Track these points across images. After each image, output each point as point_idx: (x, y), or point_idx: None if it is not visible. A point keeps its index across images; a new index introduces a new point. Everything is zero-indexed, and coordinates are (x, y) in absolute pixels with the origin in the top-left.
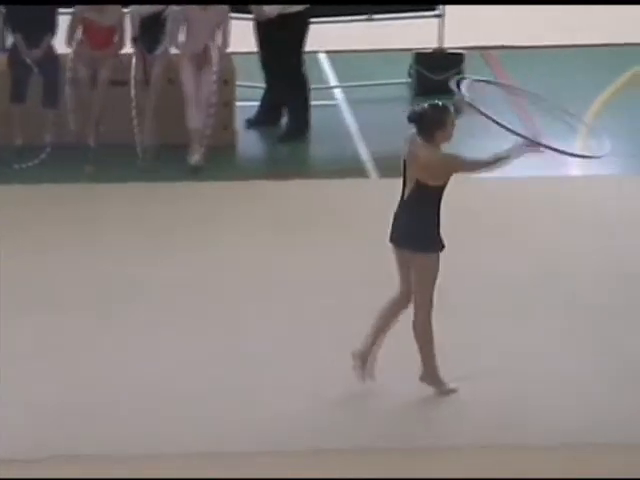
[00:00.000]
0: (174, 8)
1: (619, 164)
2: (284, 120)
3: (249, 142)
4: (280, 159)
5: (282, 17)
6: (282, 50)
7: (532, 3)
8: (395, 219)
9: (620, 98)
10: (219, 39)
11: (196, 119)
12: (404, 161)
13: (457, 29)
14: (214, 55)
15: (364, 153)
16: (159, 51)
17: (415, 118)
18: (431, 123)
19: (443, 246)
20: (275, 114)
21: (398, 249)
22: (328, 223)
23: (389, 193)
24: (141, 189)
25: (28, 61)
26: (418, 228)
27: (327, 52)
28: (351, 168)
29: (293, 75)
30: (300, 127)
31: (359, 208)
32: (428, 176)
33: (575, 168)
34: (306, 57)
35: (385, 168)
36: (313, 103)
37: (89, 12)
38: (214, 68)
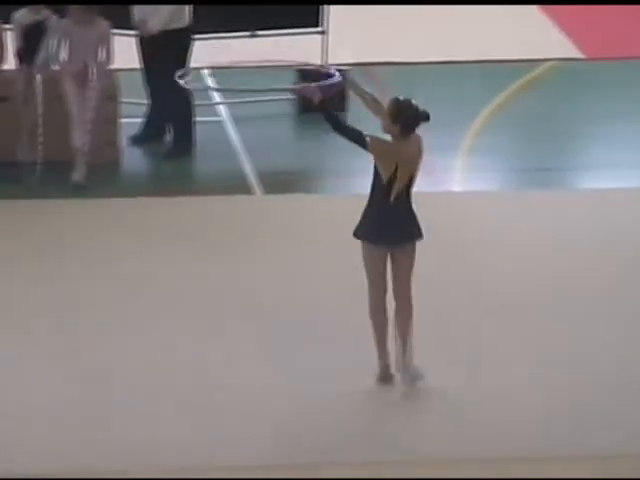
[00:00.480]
0: (56, 21)
1: (499, 180)
2: (169, 137)
3: (134, 159)
4: (165, 176)
5: (165, 33)
6: (165, 66)
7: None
8: (384, 219)
9: (500, 114)
10: (102, 55)
11: (79, 136)
12: (396, 164)
13: (341, 45)
14: (95, 72)
15: (249, 169)
16: (40, 62)
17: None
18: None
19: None
20: (159, 131)
21: (391, 247)
22: (213, 239)
23: (273, 209)
24: (25, 206)
25: None
26: (414, 219)
27: (211, 68)
28: (236, 184)
29: (176, 92)
30: (184, 144)
31: (244, 224)
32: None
33: (455, 184)
34: (190, 73)
35: (269, 184)
36: (198, 119)
37: None
38: (93, 85)
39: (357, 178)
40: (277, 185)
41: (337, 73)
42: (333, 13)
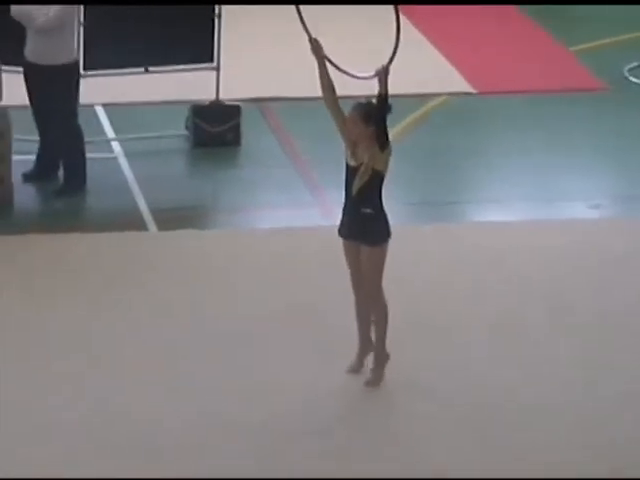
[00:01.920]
0: None
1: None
2: (61, 173)
3: (26, 196)
4: (58, 213)
5: (51, 68)
6: (53, 103)
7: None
8: (345, 211)
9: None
10: None
11: None
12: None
13: (233, 81)
14: None
15: (142, 205)
16: None
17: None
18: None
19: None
20: (51, 168)
21: (349, 240)
22: (106, 276)
23: (168, 245)
24: None
25: None
26: (374, 222)
27: (104, 104)
28: (129, 221)
29: (66, 128)
30: (76, 181)
31: (138, 261)
32: None
33: None
34: (82, 109)
35: (163, 220)
36: (91, 156)
37: None
38: None
39: (249, 213)
40: (171, 221)
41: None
42: (227, 48)
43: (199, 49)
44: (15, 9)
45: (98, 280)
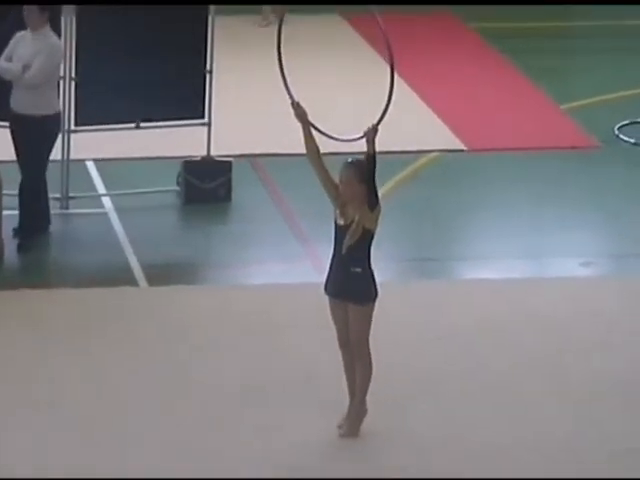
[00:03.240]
0: None
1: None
2: (52, 228)
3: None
4: (49, 268)
5: (32, 118)
6: (30, 151)
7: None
8: (333, 269)
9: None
10: None
11: None
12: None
13: (224, 137)
14: None
15: (133, 261)
16: None
17: None
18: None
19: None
20: (41, 222)
21: (335, 298)
22: (97, 332)
23: (158, 301)
24: None
25: None
26: (361, 281)
27: (95, 160)
28: (120, 277)
29: (34, 178)
30: (25, 232)
31: (128, 317)
32: None
33: None
34: (73, 164)
35: (154, 276)
36: (82, 211)
37: None
38: None
39: (240, 268)
40: (161, 277)
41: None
42: (218, 104)
43: (190, 105)
44: (0, 70)
45: (88, 335)
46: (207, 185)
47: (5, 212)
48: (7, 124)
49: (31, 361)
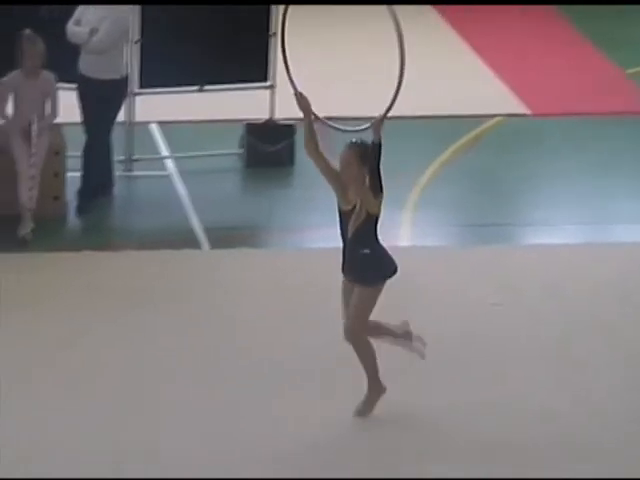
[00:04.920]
0: (2, 80)
1: (444, 235)
2: (115, 189)
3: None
4: (111, 230)
5: (101, 82)
6: (97, 115)
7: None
8: (344, 251)
9: (446, 170)
10: (47, 109)
11: (25, 191)
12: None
13: (288, 100)
14: (39, 126)
15: (195, 224)
16: None
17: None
18: None
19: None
20: (105, 184)
21: (346, 277)
22: (160, 294)
23: (220, 264)
24: None
25: None
26: (367, 263)
27: (159, 122)
28: (183, 239)
29: (100, 141)
30: (84, 197)
31: (191, 279)
32: None
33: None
34: (137, 127)
35: (216, 239)
36: (145, 173)
37: None
38: (37, 140)
39: (303, 232)
40: (224, 240)
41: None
42: (282, 67)
43: (254, 68)
44: (69, 33)
45: (150, 297)
46: (270, 148)
47: (69, 174)
48: (74, 86)
49: (91, 322)
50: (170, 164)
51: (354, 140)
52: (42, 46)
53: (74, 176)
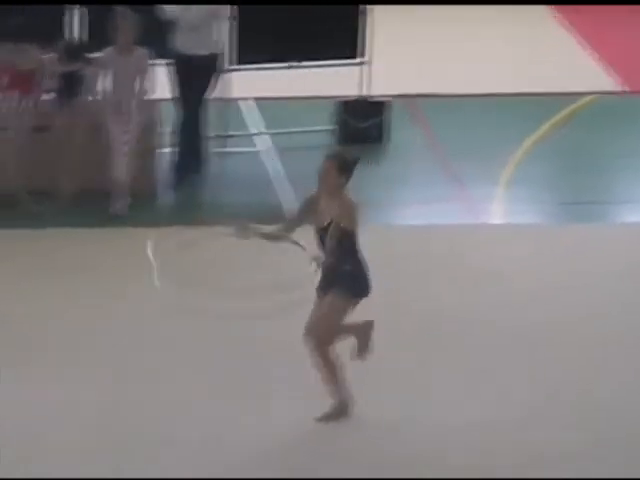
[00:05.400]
0: (97, 57)
1: (537, 212)
2: (208, 166)
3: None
4: (201, 205)
5: (196, 58)
6: (191, 91)
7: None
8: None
9: (540, 147)
10: (141, 85)
11: (119, 167)
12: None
13: (381, 76)
14: (133, 102)
15: (286, 200)
16: (81, 100)
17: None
18: None
19: None
20: (198, 159)
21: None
22: (249, 270)
23: (310, 240)
24: (64, 234)
25: None
26: (337, 274)
27: (252, 99)
28: (273, 215)
29: (193, 116)
30: (178, 172)
31: (280, 255)
32: None
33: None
34: (230, 103)
35: None
36: (237, 150)
37: (8, 56)
38: (131, 116)
39: (393, 209)
40: None
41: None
42: (374, 44)
43: (346, 45)
44: (163, 9)
45: (241, 274)
46: (362, 125)
47: (163, 150)
48: (167, 62)
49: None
50: (263, 140)
51: (334, 151)
52: (135, 22)
53: (167, 152)
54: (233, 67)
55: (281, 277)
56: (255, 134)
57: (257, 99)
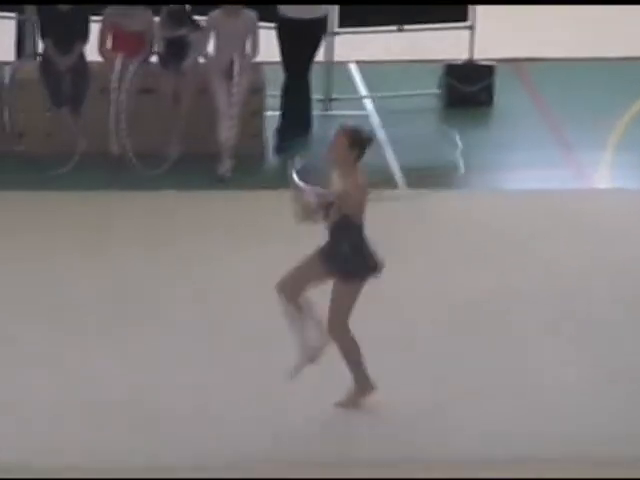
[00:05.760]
0: (202, 21)
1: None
2: (313, 129)
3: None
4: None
5: (302, 22)
6: (298, 55)
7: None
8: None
9: None
10: (248, 48)
11: (225, 130)
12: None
13: (489, 40)
14: (240, 65)
15: (393, 164)
16: (188, 62)
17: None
18: None
19: None
20: (303, 123)
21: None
22: None
23: (417, 204)
24: (169, 197)
25: (59, 68)
26: (341, 255)
27: (357, 62)
28: (379, 179)
29: (300, 80)
30: (285, 136)
31: (387, 218)
32: None
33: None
34: (336, 67)
35: (413, 179)
36: (343, 113)
37: (118, 18)
38: (238, 79)
39: (500, 174)
40: (421, 180)
41: None
42: (481, 7)
43: (453, 8)
44: None
45: None
46: (469, 89)
47: (268, 113)
48: (273, 25)
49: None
50: (368, 104)
51: (348, 124)
52: None
53: (273, 115)
54: (340, 30)
55: None
56: (361, 97)
57: (362, 62)
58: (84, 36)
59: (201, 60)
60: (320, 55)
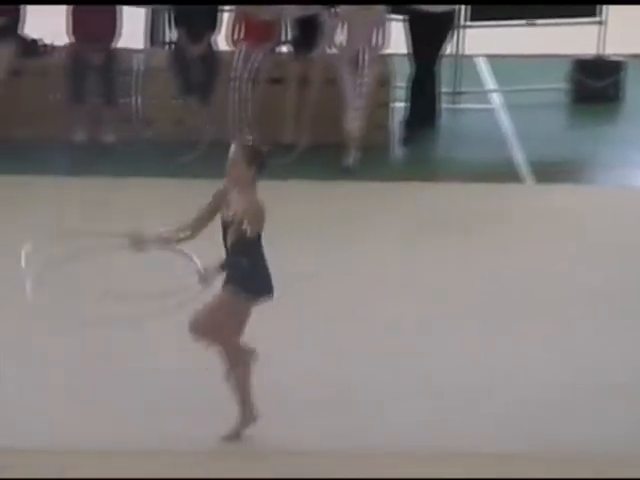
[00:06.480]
0: (332, 10)
1: None
2: (440, 121)
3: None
4: (432, 161)
5: (432, 16)
6: (424, 49)
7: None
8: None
9: None
10: (377, 40)
11: (351, 120)
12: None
13: (620, 35)
14: (368, 56)
15: (519, 158)
16: (317, 52)
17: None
18: None
19: None
20: (430, 115)
21: None
22: (478, 227)
23: (544, 199)
24: (292, 187)
25: (190, 56)
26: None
27: (486, 56)
28: (505, 172)
29: (427, 72)
30: (411, 127)
31: (512, 213)
32: None
33: None
34: (464, 60)
35: (540, 173)
36: (470, 106)
37: (249, 7)
38: (366, 70)
39: (629, 169)
40: (548, 174)
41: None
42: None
43: (584, 3)
44: None
45: (470, 230)
46: (597, 84)
47: (395, 104)
48: (403, 18)
49: (407, 250)
50: (496, 97)
51: (244, 140)
52: None
53: (400, 106)
54: (469, 24)
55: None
56: (488, 91)
57: (493, 56)
58: (213, 25)
59: (331, 50)
60: (449, 48)
